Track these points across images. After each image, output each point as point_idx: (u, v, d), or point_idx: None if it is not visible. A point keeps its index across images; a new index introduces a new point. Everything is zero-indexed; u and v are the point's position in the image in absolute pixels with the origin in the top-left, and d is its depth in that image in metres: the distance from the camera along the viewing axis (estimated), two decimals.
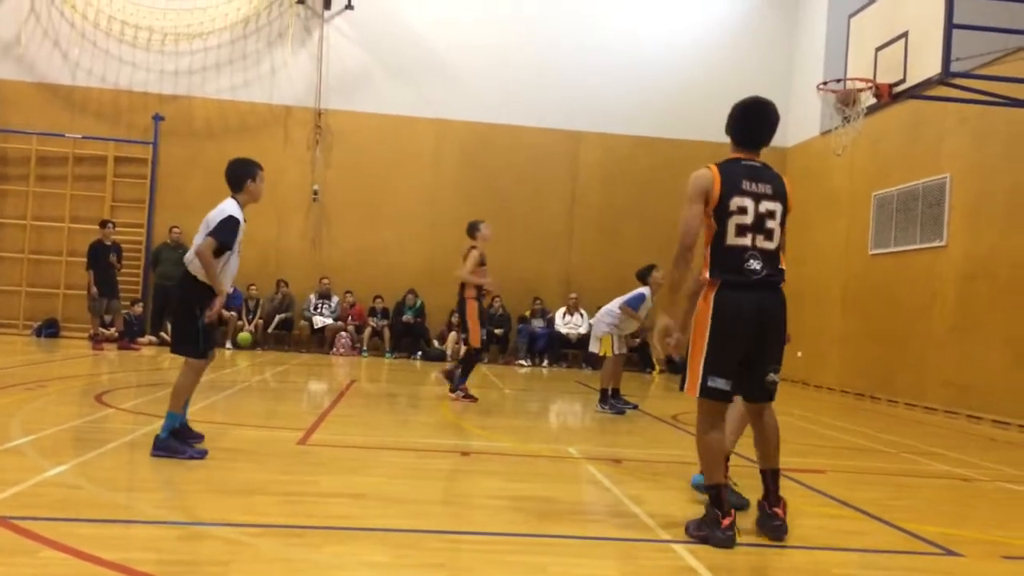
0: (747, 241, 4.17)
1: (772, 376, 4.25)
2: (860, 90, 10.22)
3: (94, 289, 14.13)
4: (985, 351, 11.25)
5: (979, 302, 11.63)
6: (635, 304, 9.38)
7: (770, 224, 4.20)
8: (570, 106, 17.39)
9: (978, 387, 11.28)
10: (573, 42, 17.47)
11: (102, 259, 14.21)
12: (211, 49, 17.03)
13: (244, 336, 16.35)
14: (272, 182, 17.05)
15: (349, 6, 17.14)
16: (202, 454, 5.30)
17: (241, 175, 5.61)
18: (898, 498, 5.70)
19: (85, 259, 14.36)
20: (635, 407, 9.63)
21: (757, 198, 4.22)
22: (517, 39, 17.34)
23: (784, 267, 4.29)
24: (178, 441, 5.33)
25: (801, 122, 17.06)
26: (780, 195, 4.30)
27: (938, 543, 4.41)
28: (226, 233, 5.39)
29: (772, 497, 4.34)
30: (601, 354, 9.56)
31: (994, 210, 11.54)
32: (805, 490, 5.61)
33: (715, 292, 4.16)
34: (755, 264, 4.16)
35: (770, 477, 4.38)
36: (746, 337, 4.11)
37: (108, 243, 14.39)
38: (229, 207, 5.51)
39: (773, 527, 4.22)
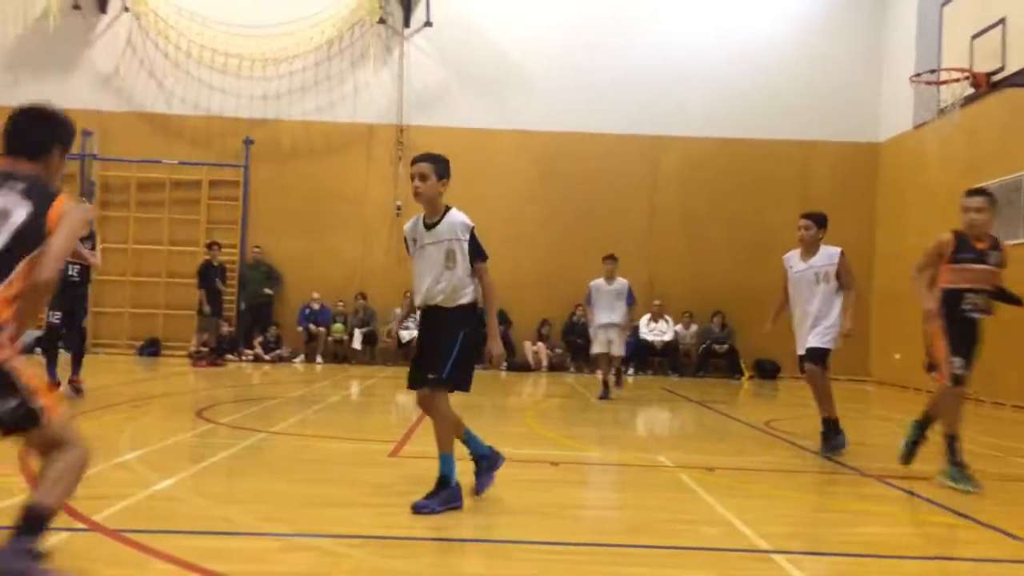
0: None
1: None
2: (955, 80, 9.86)
3: (207, 308, 14.72)
4: None
5: None
6: None
7: None
8: (648, 110, 17.23)
9: None
10: (650, 45, 17.32)
11: (211, 279, 14.81)
12: (296, 72, 17.54)
13: (338, 327, 16.87)
14: (357, 199, 17.61)
15: (428, 23, 17.41)
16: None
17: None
18: (1009, 505, 5.43)
19: (195, 279, 14.98)
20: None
21: None
22: (592, 46, 17.29)
23: None
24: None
25: (893, 116, 16.53)
26: None
27: None
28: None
29: None
30: None
31: None
32: (910, 497, 5.40)
33: None
34: None
35: None
36: None
37: (215, 264, 15.00)
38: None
39: None
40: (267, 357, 16.32)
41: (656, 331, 16.83)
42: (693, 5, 17.57)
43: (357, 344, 16.77)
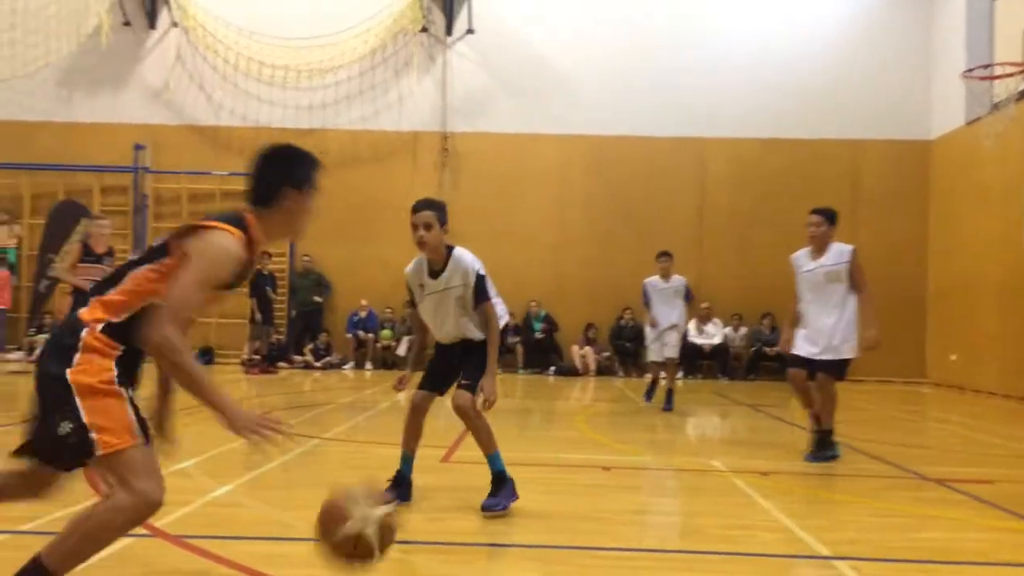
0: None
1: None
2: (1009, 75, 9.63)
3: (258, 316, 14.96)
4: None
5: None
6: None
7: None
8: (694, 112, 17.10)
9: None
10: (693, 47, 17.19)
11: (261, 288, 15.06)
12: (342, 83, 17.75)
13: (386, 332, 17.02)
14: (403, 206, 17.49)
15: (470, 30, 17.50)
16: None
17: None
18: None
19: (247, 288, 15.21)
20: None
21: None
22: (634, 50, 17.21)
23: None
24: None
25: (944, 113, 16.19)
26: None
27: None
28: None
29: None
30: None
31: None
32: (974, 501, 5.27)
33: None
34: None
35: None
36: None
37: (266, 273, 15.26)
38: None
39: None
40: (317, 364, 16.51)
41: (705, 334, 16.67)
42: (736, 5, 17.40)
43: (402, 351, 16.87)
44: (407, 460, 4.93)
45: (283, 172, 3.23)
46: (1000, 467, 6.87)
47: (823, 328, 6.62)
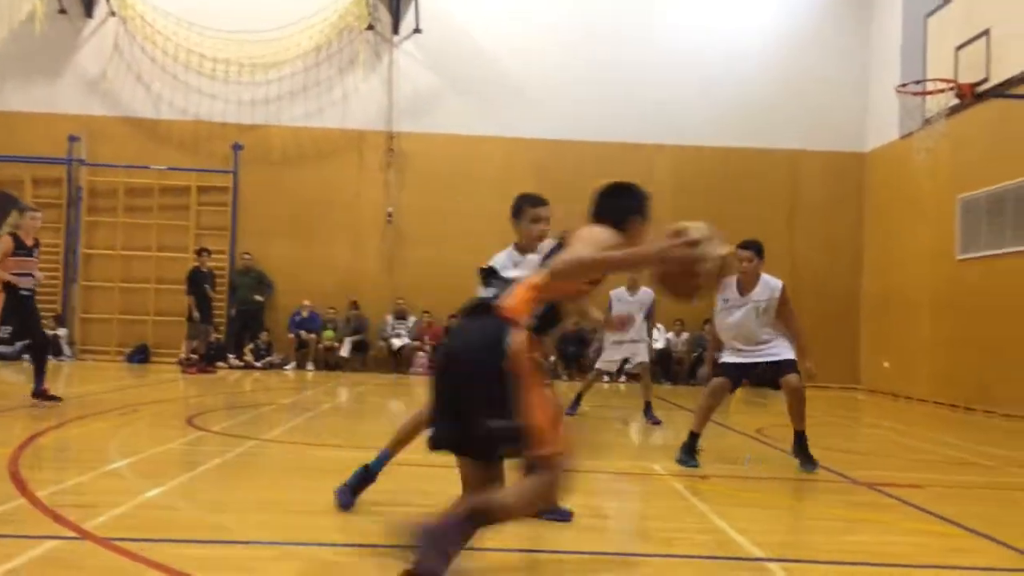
0: None
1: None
2: (940, 91, 9.94)
3: (196, 314, 14.63)
4: None
5: None
6: None
7: None
8: (640, 119, 17.27)
9: None
10: (640, 56, 17.37)
11: (200, 285, 14.73)
12: (285, 78, 17.51)
13: (328, 333, 16.84)
14: (347, 205, 17.56)
15: (417, 30, 17.42)
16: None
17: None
18: (1002, 513, 5.45)
19: (184, 286, 14.88)
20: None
21: None
22: (582, 55, 17.32)
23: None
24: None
25: (879, 126, 16.65)
26: None
27: None
28: None
29: None
30: None
31: None
32: (903, 505, 5.41)
33: None
34: None
35: None
36: None
37: (204, 270, 14.93)
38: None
39: None
40: (257, 364, 16.25)
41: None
42: (684, 16, 17.63)
43: (345, 352, 16.72)
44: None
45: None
46: (929, 472, 7.08)
47: (751, 345, 6.58)
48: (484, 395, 2.95)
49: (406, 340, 16.88)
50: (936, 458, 8.03)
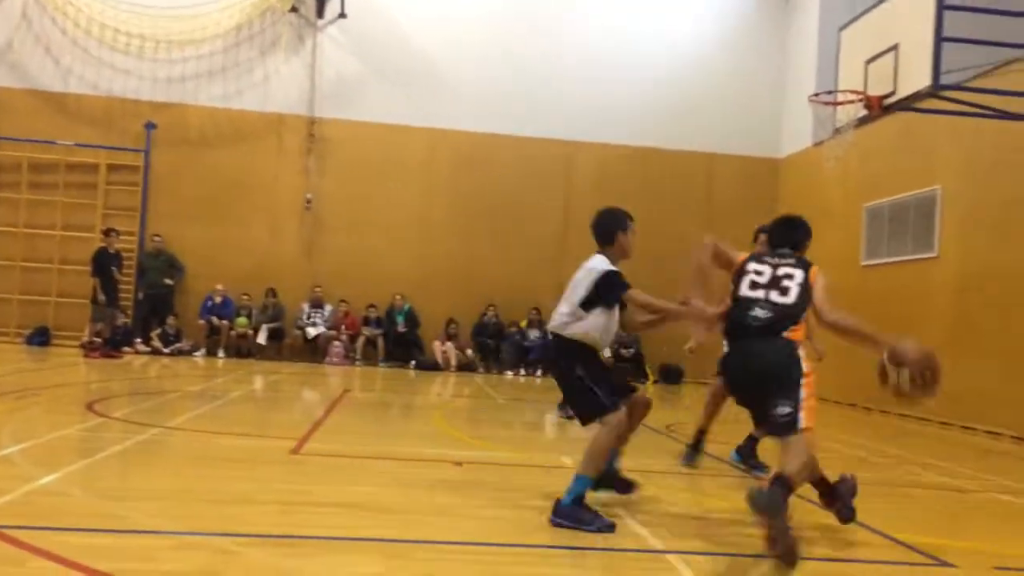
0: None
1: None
2: (851, 102, 10.27)
3: (101, 297, 14.07)
4: (978, 362, 11.26)
5: (971, 313, 11.67)
6: None
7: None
8: (563, 115, 17.40)
9: (971, 398, 11.28)
10: (563, 53, 17.50)
11: (106, 267, 14.18)
12: (204, 57, 17.02)
13: (242, 320, 16.44)
14: (265, 190, 17.21)
15: (343, 14, 17.16)
16: (611, 527, 4.38)
17: (612, 227, 5.29)
18: (893, 509, 5.70)
19: (90, 267, 14.30)
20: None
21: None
22: (512, 49, 17.36)
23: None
24: (587, 510, 4.49)
25: (794, 133, 17.14)
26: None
27: (932, 554, 4.41)
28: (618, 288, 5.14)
29: None
30: None
31: (985, 222, 11.59)
32: (802, 502, 5.59)
33: None
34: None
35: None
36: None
37: (112, 251, 14.39)
38: (601, 263, 5.20)
39: None
40: (166, 350, 15.80)
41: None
42: (606, 16, 17.78)
43: (262, 339, 16.40)
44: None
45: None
46: (836, 469, 7.32)
47: None
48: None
49: (322, 329, 16.64)
50: (835, 456, 8.32)
